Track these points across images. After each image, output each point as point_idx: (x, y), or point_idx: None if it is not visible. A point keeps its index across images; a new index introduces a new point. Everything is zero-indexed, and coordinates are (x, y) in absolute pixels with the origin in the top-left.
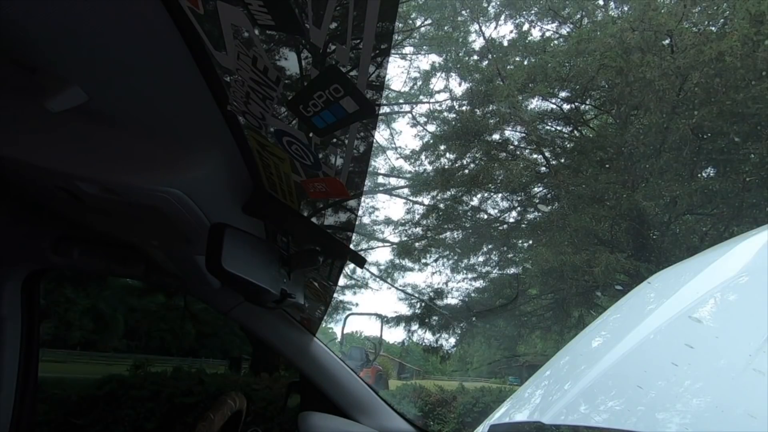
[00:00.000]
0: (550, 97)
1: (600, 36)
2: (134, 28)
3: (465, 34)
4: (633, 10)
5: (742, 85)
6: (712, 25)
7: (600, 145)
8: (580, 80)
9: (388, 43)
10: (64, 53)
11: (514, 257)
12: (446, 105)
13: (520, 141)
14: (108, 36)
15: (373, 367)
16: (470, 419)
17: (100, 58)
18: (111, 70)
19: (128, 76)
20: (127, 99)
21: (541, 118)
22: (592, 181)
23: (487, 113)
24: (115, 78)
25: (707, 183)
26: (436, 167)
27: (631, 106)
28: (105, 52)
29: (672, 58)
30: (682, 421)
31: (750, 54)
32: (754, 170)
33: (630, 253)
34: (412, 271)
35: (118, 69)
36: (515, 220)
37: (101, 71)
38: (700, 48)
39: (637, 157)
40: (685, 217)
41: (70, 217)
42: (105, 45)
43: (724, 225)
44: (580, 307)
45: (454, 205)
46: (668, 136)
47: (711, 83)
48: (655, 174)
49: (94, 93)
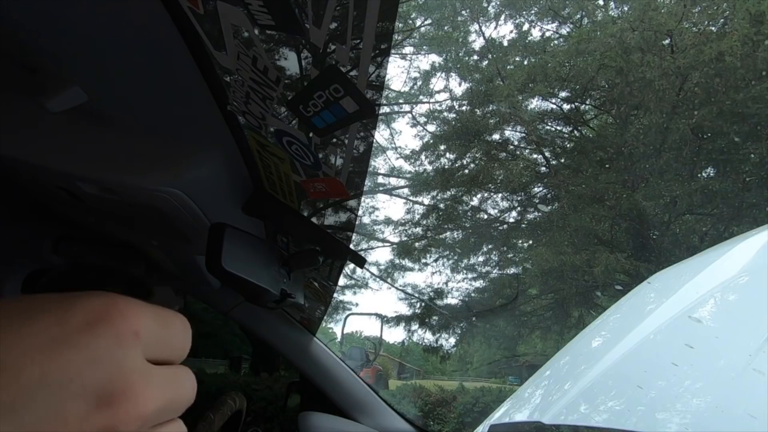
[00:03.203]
0: (550, 97)
1: (600, 36)
2: (134, 28)
3: (465, 34)
4: (633, 10)
5: (742, 85)
6: (712, 25)
7: (600, 145)
8: (580, 80)
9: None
10: (64, 53)
11: (514, 257)
12: (446, 105)
13: (520, 141)
14: (108, 36)
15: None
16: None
17: (100, 58)
18: (111, 70)
19: (128, 76)
20: (127, 99)
21: (541, 118)
22: (592, 181)
23: (487, 113)
24: (115, 78)
25: (707, 183)
26: (436, 167)
27: (631, 106)
28: (105, 52)
29: (672, 58)
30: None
31: (750, 54)
32: (754, 170)
33: (630, 253)
34: (412, 271)
35: (118, 69)
36: (515, 220)
37: (101, 71)
38: (700, 48)
39: (637, 157)
40: (685, 217)
41: (70, 217)
42: (105, 45)
43: (724, 225)
44: (580, 307)
45: (454, 205)
46: (668, 136)
47: (711, 83)
48: (655, 174)
49: (94, 93)
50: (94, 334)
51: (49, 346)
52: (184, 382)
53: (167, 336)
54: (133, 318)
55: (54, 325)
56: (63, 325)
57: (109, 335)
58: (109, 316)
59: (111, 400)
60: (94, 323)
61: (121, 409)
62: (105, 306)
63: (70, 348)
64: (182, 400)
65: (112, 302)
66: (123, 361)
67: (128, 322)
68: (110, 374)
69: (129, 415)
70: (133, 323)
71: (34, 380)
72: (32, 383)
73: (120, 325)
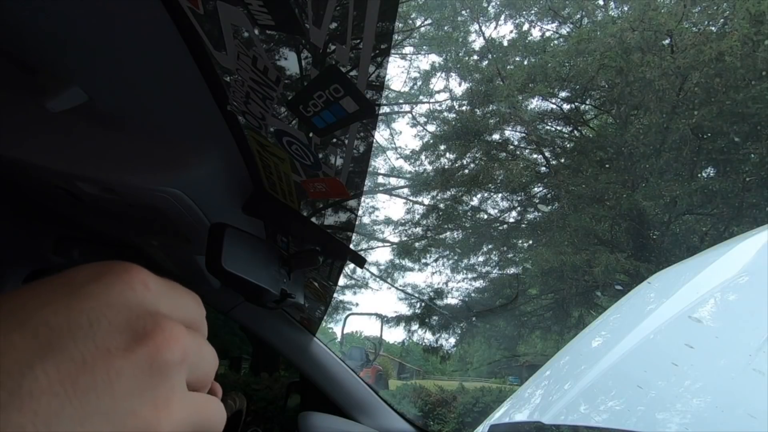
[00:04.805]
0: (550, 97)
1: (600, 36)
2: (134, 28)
3: (465, 34)
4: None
5: (742, 85)
6: (712, 25)
7: (600, 145)
8: (580, 80)
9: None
10: (64, 53)
11: (514, 257)
12: (446, 105)
13: (520, 141)
14: (108, 36)
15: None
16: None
17: (100, 58)
18: (111, 70)
19: (128, 76)
20: (127, 99)
21: (541, 118)
22: (592, 181)
23: (487, 113)
24: (115, 78)
25: (707, 183)
26: (436, 167)
27: (631, 106)
28: (105, 52)
29: (672, 58)
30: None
31: (750, 54)
32: (754, 170)
33: (630, 253)
34: (412, 271)
35: (118, 69)
36: (515, 220)
37: (101, 71)
38: (700, 48)
39: (637, 157)
40: (685, 217)
41: (70, 217)
42: (105, 45)
43: (724, 225)
44: (580, 307)
45: (454, 205)
46: (668, 136)
47: (711, 83)
48: (655, 174)
49: (94, 93)
50: (103, 283)
51: (60, 296)
52: (206, 347)
53: (178, 297)
54: (139, 271)
55: (61, 283)
56: (70, 281)
57: (119, 282)
58: (114, 269)
59: (146, 333)
60: (100, 276)
61: (159, 338)
62: (107, 264)
63: (82, 297)
64: (209, 361)
65: (113, 262)
66: (143, 303)
67: (134, 273)
68: (136, 313)
69: (170, 342)
70: (139, 275)
71: (63, 325)
72: (62, 328)
73: (126, 275)
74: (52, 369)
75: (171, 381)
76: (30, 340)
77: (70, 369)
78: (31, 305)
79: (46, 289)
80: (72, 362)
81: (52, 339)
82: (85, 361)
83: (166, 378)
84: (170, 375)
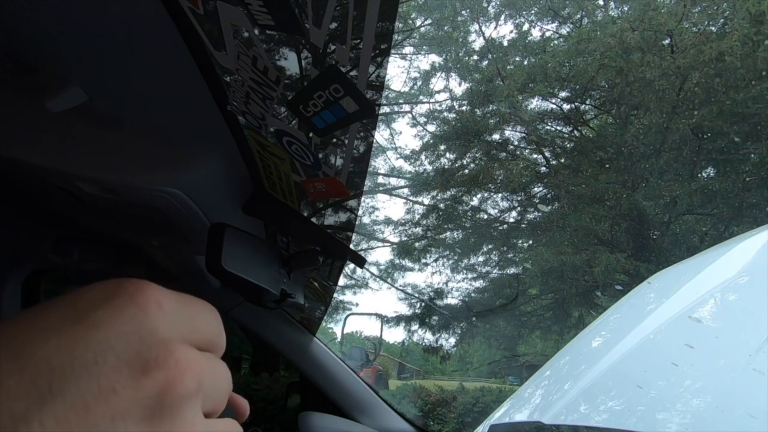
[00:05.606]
0: (550, 97)
1: (600, 36)
2: (134, 28)
3: (465, 34)
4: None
5: (742, 85)
6: (712, 25)
7: (600, 145)
8: (580, 80)
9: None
10: (64, 53)
11: (514, 257)
12: (446, 105)
13: (520, 141)
14: (108, 36)
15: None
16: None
17: (100, 58)
18: (111, 70)
19: (128, 76)
20: (127, 99)
21: (541, 118)
22: (592, 181)
23: (487, 113)
24: (115, 78)
25: (707, 183)
26: (436, 167)
27: (631, 106)
28: (105, 52)
29: (672, 58)
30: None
31: (750, 54)
32: (754, 170)
33: (630, 253)
34: (412, 271)
35: (118, 69)
36: (515, 220)
37: (101, 71)
38: (700, 48)
39: (637, 157)
40: (685, 217)
41: (70, 217)
42: (105, 45)
43: (724, 225)
44: (580, 307)
45: (454, 205)
46: (668, 136)
47: (711, 83)
48: (655, 174)
49: (94, 93)
50: (113, 307)
51: (65, 327)
52: (221, 370)
53: (195, 314)
54: (151, 289)
55: (67, 308)
56: (75, 305)
57: (131, 306)
58: (124, 290)
59: (158, 364)
60: (110, 299)
61: (170, 369)
62: (118, 284)
63: (89, 326)
64: (223, 386)
65: (125, 281)
66: (155, 329)
67: (147, 293)
68: (147, 342)
69: (182, 373)
70: (152, 294)
71: (66, 364)
72: (65, 367)
73: (139, 296)
74: (50, 420)
75: (185, 414)
76: (29, 386)
77: (70, 418)
78: (33, 341)
79: (51, 318)
80: (72, 410)
81: (52, 383)
82: (87, 406)
83: (180, 412)
84: (184, 408)
